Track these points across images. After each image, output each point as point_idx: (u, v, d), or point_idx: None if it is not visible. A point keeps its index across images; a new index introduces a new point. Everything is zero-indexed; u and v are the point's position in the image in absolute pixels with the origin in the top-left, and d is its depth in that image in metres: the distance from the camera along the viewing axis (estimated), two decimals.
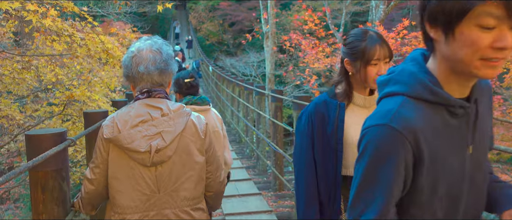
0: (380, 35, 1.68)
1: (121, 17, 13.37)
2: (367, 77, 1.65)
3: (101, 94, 4.06)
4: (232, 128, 11.31)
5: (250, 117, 8.28)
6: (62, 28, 2.84)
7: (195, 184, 1.66)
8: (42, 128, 4.01)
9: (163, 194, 1.61)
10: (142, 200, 1.60)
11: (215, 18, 34.35)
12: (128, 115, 1.60)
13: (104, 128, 1.62)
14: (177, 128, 1.60)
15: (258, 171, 7.15)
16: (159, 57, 1.64)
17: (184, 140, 1.62)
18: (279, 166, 5.94)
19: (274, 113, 5.86)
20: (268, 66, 14.95)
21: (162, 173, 1.60)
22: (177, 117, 1.62)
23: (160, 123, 1.59)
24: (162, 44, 1.69)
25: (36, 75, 3.73)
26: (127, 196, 1.60)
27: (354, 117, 1.72)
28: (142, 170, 1.59)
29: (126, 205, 1.60)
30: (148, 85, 1.65)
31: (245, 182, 6.34)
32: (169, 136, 1.58)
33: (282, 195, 5.81)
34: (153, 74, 1.63)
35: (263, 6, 15.42)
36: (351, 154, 1.68)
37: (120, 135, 1.55)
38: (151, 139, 1.56)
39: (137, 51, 1.65)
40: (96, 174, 1.65)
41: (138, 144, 1.54)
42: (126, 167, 1.59)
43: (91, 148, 3.12)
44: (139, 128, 1.57)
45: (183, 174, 1.63)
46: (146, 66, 1.62)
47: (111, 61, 3.17)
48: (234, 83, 10.32)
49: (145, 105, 1.61)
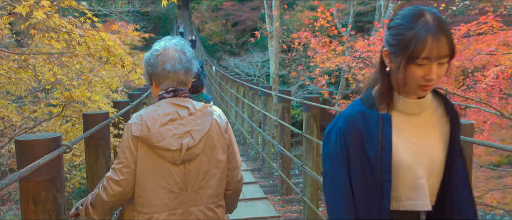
0: (441, 21, 1.16)
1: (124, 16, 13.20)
2: (408, 80, 1.19)
3: (102, 94, 3.87)
4: (236, 129, 11.11)
5: (255, 118, 8.08)
6: (60, 24, 2.65)
7: (219, 182, 1.69)
8: (35, 133, 3.83)
9: (190, 191, 1.63)
10: (170, 198, 1.59)
11: (218, 18, 34.25)
12: (156, 114, 1.59)
13: (133, 126, 1.58)
14: (204, 127, 1.63)
15: (263, 173, 6.95)
16: (184, 56, 1.66)
17: (210, 138, 1.65)
18: (286, 169, 5.74)
19: (281, 114, 5.67)
20: (272, 66, 14.76)
21: (190, 171, 1.61)
22: (203, 116, 1.65)
23: (188, 122, 1.61)
24: (185, 44, 1.71)
25: (34, 75, 3.54)
26: (155, 194, 1.59)
27: (403, 131, 1.26)
28: (171, 168, 1.59)
29: (154, 203, 1.58)
30: (173, 84, 1.66)
31: (251, 185, 6.14)
32: (198, 134, 1.60)
33: (289, 200, 5.61)
34: (179, 73, 1.65)
35: (268, 6, 15.23)
36: (402, 181, 1.24)
37: (151, 134, 1.54)
38: (181, 138, 1.58)
39: (162, 50, 1.65)
40: (125, 174, 1.58)
41: (169, 143, 1.55)
42: (155, 165, 1.58)
43: (91, 152, 2.94)
44: (168, 127, 1.57)
45: (209, 172, 1.65)
46: (173, 65, 1.63)
47: (112, 60, 2.98)
48: (239, 83, 10.12)
49: (172, 104, 1.63)
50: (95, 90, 3.73)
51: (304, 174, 4.62)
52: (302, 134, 4.56)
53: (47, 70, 3.59)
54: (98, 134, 2.89)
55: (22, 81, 3.75)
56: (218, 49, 31.30)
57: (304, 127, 4.55)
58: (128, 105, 4.06)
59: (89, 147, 2.89)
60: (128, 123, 1.62)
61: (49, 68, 3.48)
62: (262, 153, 7.03)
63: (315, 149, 4.54)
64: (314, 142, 4.49)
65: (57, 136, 1.79)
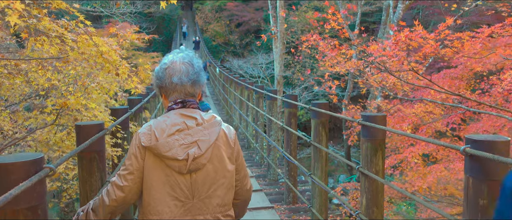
0: None
1: (126, 17, 13.00)
2: None
3: (100, 101, 3.65)
4: (240, 133, 10.88)
5: (260, 122, 7.85)
6: (50, 28, 2.44)
7: (226, 191, 1.69)
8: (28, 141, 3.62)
9: (197, 200, 1.64)
10: (177, 206, 1.61)
11: (221, 18, 34.10)
12: (164, 124, 1.62)
13: (141, 136, 1.62)
14: (211, 137, 1.64)
15: (269, 180, 6.72)
16: (191, 69, 1.69)
17: (217, 148, 1.66)
18: (293, 177, 5.50)
19: (288, 120, 5.43)
20: (276, 68, 14.52)
21: (196, 180, 1.63)
22: (210, 127, 1.67)
23: (196, 133, 1.63)
24: (193, 57, 1.74)
25: (26, 80, 3.32)
26: (163, 202, 1.61)
27: None
28: (177, 177, 1.61)
29: (161, 211, 1.61)
30: (181, 95, 1.69)
31: (256, 193, 5.91)
32: (205, 145, 1.62)
33: (296, 209, 5.37)
34: (186, 85, 1.68)
35: (272, 6, 14.99)
36: None
37: (159, 144, 1.58)
38: (188, 148, 1.60)
39: (170, 63, 1.69)
40: (129, 181, 1.63)
41: (176, 152, 1.58)
42: (162, 174, 1.60)
43: (84, 167, 2.71)
44: (175, 137, 1.60)
45: (216, 181, 1.66)
46: (180, 78, 1.67)
47: (107, 67, 2.76)
48: (243, 86, 9.89)
49: (180, 114, 1.66)
50: (92, 97, 3.50)
51: (312, 184, 4.39)
52: (310, 142, 4.32)
53: (40, 75, 3.38)
54: (92, 147, 2.67)
55: (14, 86, 3.54)
56: (222, 50, 31.13)
57: (312, 134, 4.32)
58: (127, 112, 3.84)
59: (82, 161, 2.67)
60: (137, 132, 1.66)
61: (42, 73, 3.27)
62: (268, 159, 6.79)
63: (324, 158, 4.30)
64: (323, 151, 4.25)
65: (37, 158, 1.57)
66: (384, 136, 3.07)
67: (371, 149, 3.05)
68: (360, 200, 3.18)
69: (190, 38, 30.78)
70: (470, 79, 6.98)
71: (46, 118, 3.47)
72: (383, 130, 3.04)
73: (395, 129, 5.17)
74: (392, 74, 4.12)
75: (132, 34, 3.50)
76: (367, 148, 3.06)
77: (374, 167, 3.04)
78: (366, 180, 3.07)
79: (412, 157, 5.98)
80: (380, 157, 3.05)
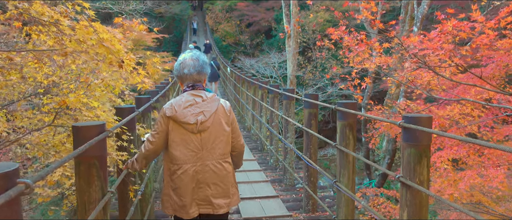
0: None
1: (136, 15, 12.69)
2: None
3: (104, 99, 3.27)
4: (252, 134, 10.48)
5: (274, 124, 7.43)
6: (42, 12, 2.07)
7: (225, 145, 2.51)
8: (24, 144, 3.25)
9: (205, 151, 2.45)
10: (192, 155, 2.43)
11: (232, 18, 33.86)
12: (180, 101, 2.44)
13: (166, 110, 2.43)
14: (212, 109, 2.46)
15: (285, 186, 6.30)
16: (197, 63, 2.52)
17: (217, 116, 2.48)
18: (313, 183, 5.08)
19: (308, 121, 5.01)
20: (289, 67, 14.09)
21: (204, 138, 2.44)
22: (212, 102, 2.49)
23: (202, 106, 2.45)
24: (199, 54, 2.57)
25: (21, 76, 2.96)
26: (182, 153, 2.43)
27: None
28: (191, 136, 2.42)
29: (182, 158, 2.43)
30: (191, 82, 2.52)
31: (272, 200, 5.50)
32: (208, 113, 2.44)
33: (316, 218, 4.94)
34: (194, 74, 2.51)
35: (285, 4, 14.57)
36: None
37: (177, 114, 2.40)
38: (197, 116, 2.41)
39: (183, 60, 2.55)
40: (156, 138, 2.46)
41: (189, 119, 2.40)
42: (181, 134, 2.42)
43: (81, 174, 2.33)
44: (188, 109, 2.42)
45: (217, 138, 2.47)
46: (189, 69, 2.50)
47: (109, 58, 2.38)
48: (256, 85, 9.48)
49: (191, 94, 2.47)
50: (94, 95, 3.13)
51: (338, 192, 3.96)
52: (336, 146, 3.90)
53: (36, 71, 3.01)
54: (91, 151, 2.29)
55: (9, 83, 3.18)
56: (232, 50, 30.83)
57: (338, 138, 3.89)
58: (133, 112, 3.47)
59: (79, 168, 2.29)
60: (163, 107, 2.45)
61: (39, 67, 2.90)
62: (284, 162, 6.37)
63: (351, 163, 3.88)
64: (350, 156, 3.83)
65: (10, 171, 1.18)
66: (430, 141, 2.63)
67: (415, 156, 2.61)
68: (400, 214, 2.76)
69: (200, 34, 30.95)
70: (501, 79, 6.48)
71: (44, 119, 3.10)
72: (428, 135, 2.61)
73: None
74: (433, 71, 3.66)
75: (139, 25, 3.12)
76: (410, 155, 2.63)
77: (418, 177, 2.61)
78: (408, 192, 2.64)
79: (441, 162, 5.51)
80: (425, 165, 2.62)
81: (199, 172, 2.43)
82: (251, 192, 5.79)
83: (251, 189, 5.94)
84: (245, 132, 11.30)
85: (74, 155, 1.98)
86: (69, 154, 1.87)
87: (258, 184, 6.20)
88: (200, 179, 2.44)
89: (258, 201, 5.45)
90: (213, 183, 2.47)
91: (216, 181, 2.47)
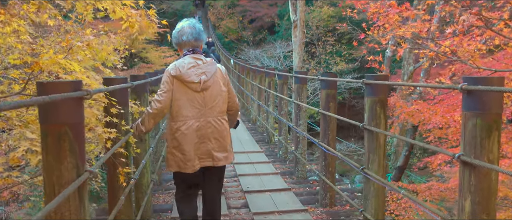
0: None
1: None
2: None
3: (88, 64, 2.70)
4: (258, 126, 9.90)
5: (284, 112, 6.85)
6: None
7: (222, 103, 2.92)
8: None
9: (207, 108, 2.83)
10: (195, 111, 2.81)
11: (234, 14, 33.43)
12: (183, 63, 2.82)
13: (171, 70, 2.80)
14: (212, 70, 2.88)
15: (297, 178, 5.71)
16: (194, 30, 2.91)
17: (216, 77, 2.89)
18: (331, 173, 4.49)
19: (325, 103, 4.43)
20: (296, 58, 13.52)
21: (206, 96, 2.83)
22: (210, 65, 2.90)
23: (202, 67, 2.84)
24: (195, 22, 2.97)
25: None
26: (187, 109, 2.79)
27: None
28: (194, 94, 2.80)
29: (187, 114, 2.79)
30: (190, 47, 2.91)
31: (284, 193, 4.92)
32: (210, 74, 2.85)
33: (335, 213, 4.35)
34: (191, 41, 2.90)
35: None
36: None
37: (182, 73, 2.77)
38: (199, 76, 2.80)
39: (181, 28, 2.93)
40: (164, 97, 2.78)
41: (193, 78, 2.77)
42: (185, 93, 2.79)
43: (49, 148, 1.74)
44: (192, 70, 2.79)
45: (216, 97, 2.87)
46: (187, 36, 2.89)
47: None
48: (262, 73, 8.90)
49: (192, 57, 2.86)
50: (76, 59, 2.56)
51: (366, 181, 3.38)
52: (364, 127, 3.32)
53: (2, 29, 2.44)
54: (62, 117, 1.72)
55: None
56: (234, 47, 30.36)
57: (366, 117, 3.31)
58: (125, 82, 2.89)
59: (46, 139, 1.72)
60: (167, 69, 2.83)
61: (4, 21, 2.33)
62: (296, 152, 5.79)
63: (382, 147, 3.29)
64: (381, 138, 3.25)
65: None
66: (501, 109, 2.05)
67: (483, 128, 2.03)
68: (459, 203, 2.17)
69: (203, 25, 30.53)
70: None
71: (14, 87, 2.53)
72: (499, 101, 2.03)
73: None
74: (495, 30, 3.08)
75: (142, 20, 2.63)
76: (476, 127, 2.04)
77: (486, 155, 2.02)
78: (473, 174, 2.05)
79: None
80: (495, 140, 2.03)
81: (201, 128, 2.80)
82: (260, 184, 5.22)
83: (259, 181, 5.36)
84: (250, 124, 10.73)
85: (42, 122, 1.41)
86: None
87: (267, 177, 5.62)
88: (203, 134, 2.81)
89: (268, 194, 4.87)
90: (214, 137, 2.85)
91: (217, 135, 2.86)
